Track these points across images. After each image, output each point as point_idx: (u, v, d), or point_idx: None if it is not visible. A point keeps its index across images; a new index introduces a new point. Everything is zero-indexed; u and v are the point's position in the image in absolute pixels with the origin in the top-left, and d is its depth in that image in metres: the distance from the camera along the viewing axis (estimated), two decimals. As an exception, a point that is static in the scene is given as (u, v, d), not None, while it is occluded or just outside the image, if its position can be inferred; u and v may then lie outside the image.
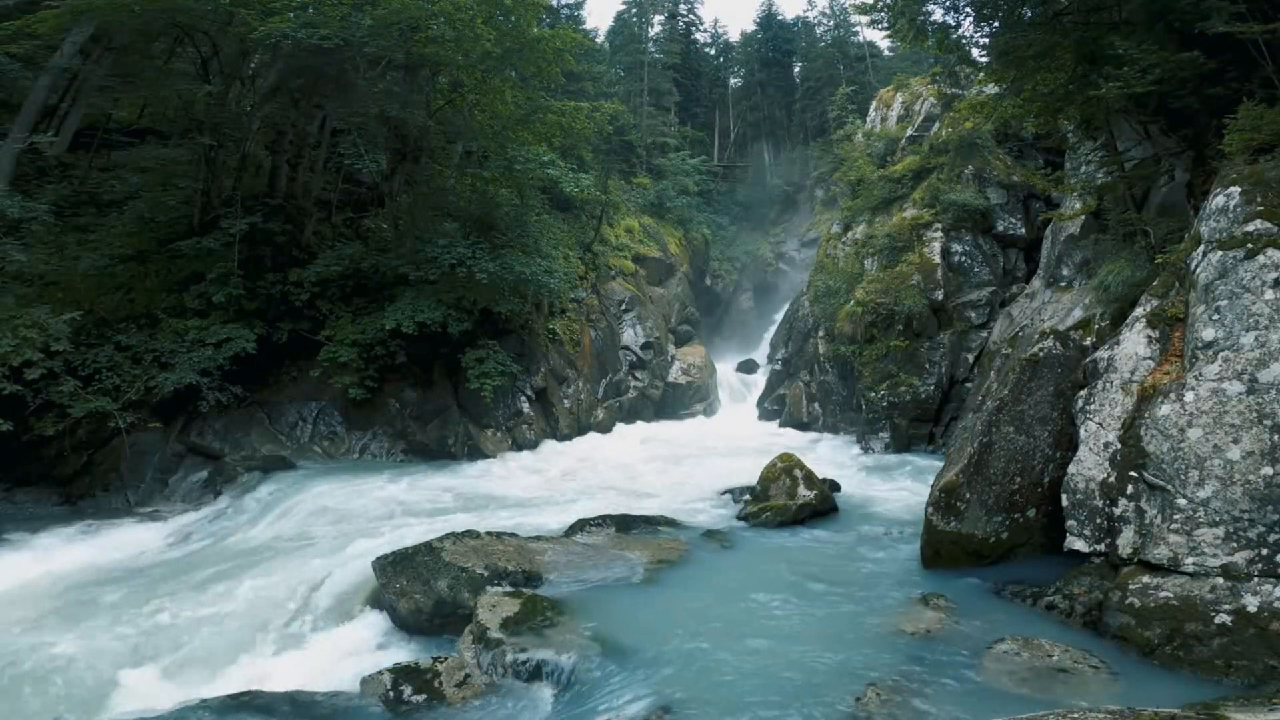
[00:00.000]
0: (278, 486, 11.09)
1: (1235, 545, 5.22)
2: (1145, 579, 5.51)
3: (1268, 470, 5.20)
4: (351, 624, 6.70)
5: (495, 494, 11.32)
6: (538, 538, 8.13)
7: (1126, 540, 5.81)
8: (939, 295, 15.99)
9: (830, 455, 15.12)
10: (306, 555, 8.04)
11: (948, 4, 10.45)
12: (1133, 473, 5.90)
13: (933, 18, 10.67)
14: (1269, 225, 5.75)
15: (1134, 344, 6.53)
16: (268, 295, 13.16)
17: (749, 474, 11.24)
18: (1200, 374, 5.71)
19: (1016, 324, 13.87)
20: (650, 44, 40.68)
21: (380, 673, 5.41)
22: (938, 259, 16.34)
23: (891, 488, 11.64)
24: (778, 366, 22.58)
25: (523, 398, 15.96)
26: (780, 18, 49.18)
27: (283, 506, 10.23)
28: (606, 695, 4.93)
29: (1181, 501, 5.51)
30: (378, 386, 13.55)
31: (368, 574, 7.17)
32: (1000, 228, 16.93)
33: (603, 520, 8.88)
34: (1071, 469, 6.44)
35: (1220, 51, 7.36)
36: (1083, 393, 6.74)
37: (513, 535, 8.00)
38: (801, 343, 21.16)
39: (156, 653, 6.21)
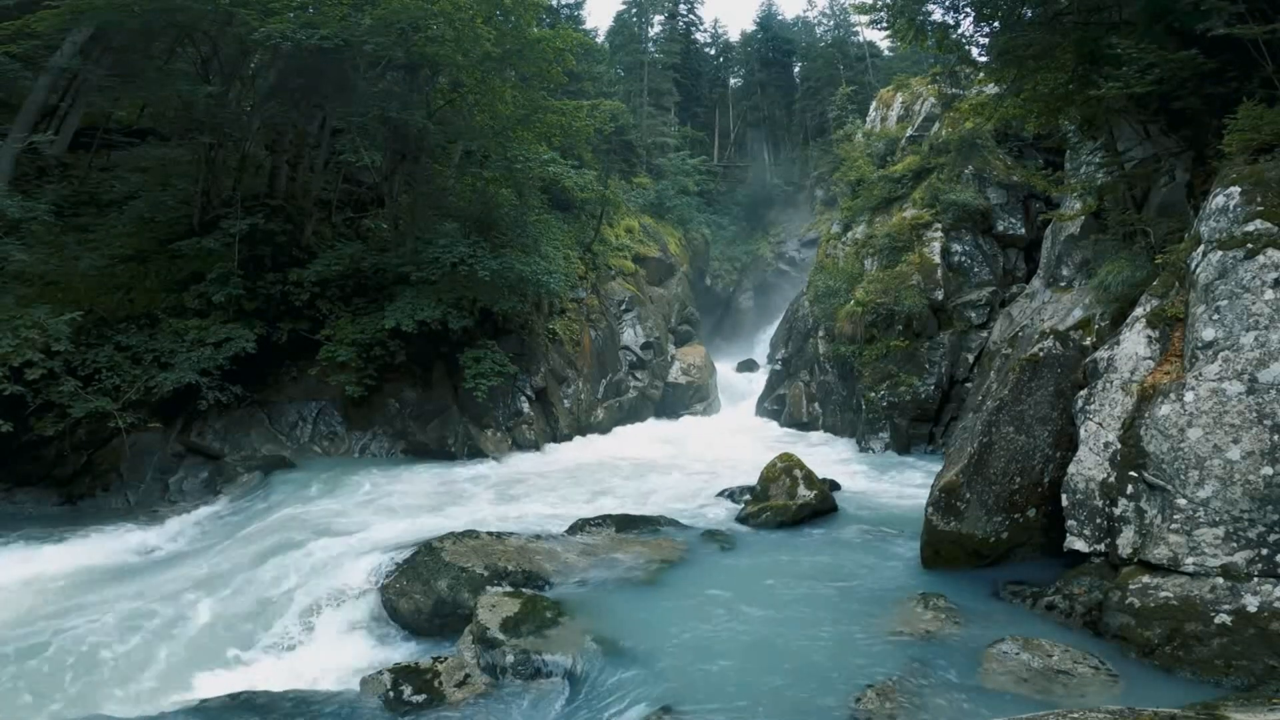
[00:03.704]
0: (277, 486, 11.10)
1: (1235, 545, 5.22)
2: (1145, 579, 5.51)
3: (1268, 470, 5.20)
4: (351, 623, 6.70)
5: (495, 494, 11.32)
6: (537, 538, 8.13)
7: (1126, 540, 5.81)
8: (939, 295, 15.98)
9: (830, 455, 15.11)
10: (306, 555, 8.03)
11: (948, 4, 10.44)
12: (1133, 473, 5.90)
13: (932, 18, 10.66)
14: (1269, 225, 5.75)
15: (1134, 344, 6.53)
16: (268, 295, 13.15)
17: (749, 474, 11.24)
18: (1200, 374, 5.70)
19: (1016, 324, 13.87)
20: (650, 44, 40.72)
21: (380, 673, 5.42)
22: (938, 259, 16.34)
23: (891, 488, 11.64)
24: (778, 366, 22.58)
25: (523, 398, 15.96)
26: (780, 18, 49.25)
27: (282, 507, 10.22)
28: (607, 695, 4.93)
29: (1181, 501, 5.51)
30: (376, 386, 13.54)
31: (368, 574, 7.17)
32: (1000, 228, 16.92)
33: (603, 520, 8.88)
34: (1071, 469, 6.44)
35: (1220, 51, 7.35)
36: (1083, 393, 6.74)
37: (513, 535, 8.00)
38: (801, 343, 21.16)
39: (156, 652, 6.21)
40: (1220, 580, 5.18)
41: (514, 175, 16.31)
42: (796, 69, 46.08)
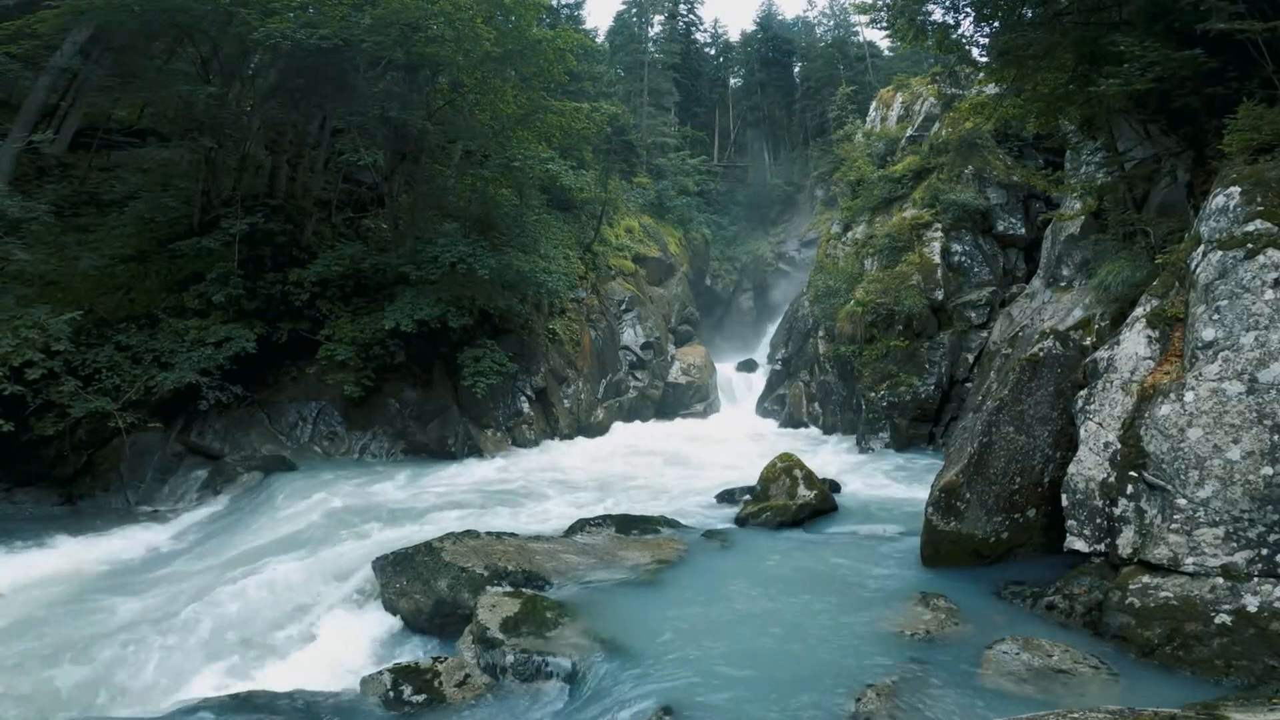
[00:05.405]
0: (277, 487, 11.08)
1: (1235, 545, 5.22)
2: (1145, 579, 5.50)
3: (1268, 470, 5.20)
4: (351, 624, 6.69)
5: (495, 494, 11.32)
6: (538, 538, 8.13)
7: (1126, 540, 5.81)
8: (939, 295, 15.99)
9: (830, 455, 15.11)
10: (306, 556, 8.03)
11: (948, 4, 10.46)
12: (1133, 473, 5.89)
13: (933, 18, 10.68)
14: (1269, 225, 5.75)
15: (1134, 344, 6.53)
16: (268, 295, 13.16)
17: (749, 474, 11.24)
18: (1200, 374, 5.70)
19: (1016, 324, 13.87)
20: (650, 44, 40.73)
21: (380, 673, 5.41)
22: (938, 259, 16.34)
23: (891, 488, 11.63)
24: (778, 366, 22.58)
25: (523, 398, 15.96)
26: (780, 18, 49.28)
27: (282, 507, 10.22)
28: (607, 695, 4.93)
29: (1181, 501, 5.50)
30: (376, 386, 13.55)
31: (367, 574, 7.17)
32: (1000, 228, 16.93)
33: (602, 520, 8.87)
34: (1071, 469, 6.43)
35: (1220, 51, 7.35)
36: (1083, 393, 6.74)
37: (512, 535, 7.99)
38: (801, 343, 21.16)
39: (156, 652, 6.20)
40: (1220, 580, 5.17)
41: (514, 175, 16.32)
42: (796, 69, 46.06)
